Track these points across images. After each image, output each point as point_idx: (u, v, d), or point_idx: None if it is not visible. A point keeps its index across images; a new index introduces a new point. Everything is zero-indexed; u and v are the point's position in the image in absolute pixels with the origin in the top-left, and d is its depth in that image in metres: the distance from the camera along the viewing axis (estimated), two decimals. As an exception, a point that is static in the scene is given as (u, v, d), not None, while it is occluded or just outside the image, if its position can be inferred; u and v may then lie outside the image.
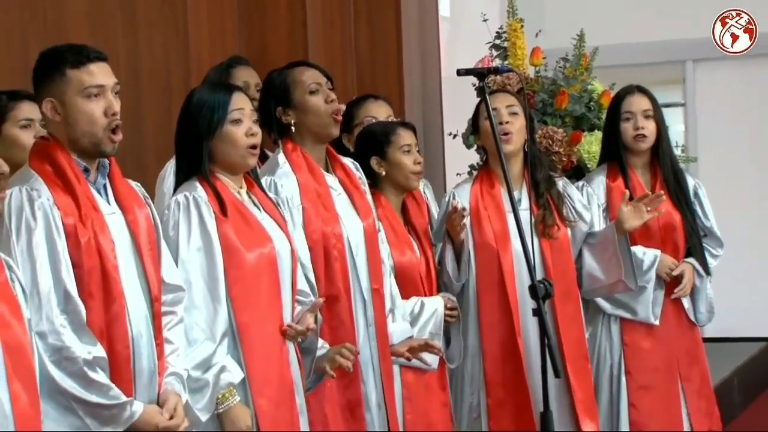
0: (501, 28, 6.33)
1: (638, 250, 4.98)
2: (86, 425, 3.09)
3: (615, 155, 5.18)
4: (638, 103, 5.12)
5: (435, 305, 4.48)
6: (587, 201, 5.04)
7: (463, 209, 4.59)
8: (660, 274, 5.03)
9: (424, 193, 5.12)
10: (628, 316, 5.07)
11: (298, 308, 3.80)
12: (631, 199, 4.85)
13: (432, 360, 4.44)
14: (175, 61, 5.78)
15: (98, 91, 3.24)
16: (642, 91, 5.19)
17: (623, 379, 5.08)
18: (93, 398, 3.09)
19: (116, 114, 3.26)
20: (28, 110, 3.90)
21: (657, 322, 5.06)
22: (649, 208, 4.79)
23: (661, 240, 5.06)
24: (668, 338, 5.11)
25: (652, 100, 5.15)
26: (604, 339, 5.13)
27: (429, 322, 4.43)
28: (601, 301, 5.08)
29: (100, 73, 3.25)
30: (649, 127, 5.09)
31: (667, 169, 5.14)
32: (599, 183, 5.16)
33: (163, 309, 3.38)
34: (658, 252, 5.02)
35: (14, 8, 4.83)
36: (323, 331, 3.99)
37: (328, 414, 4.00)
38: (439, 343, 4.44)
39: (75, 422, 3.07)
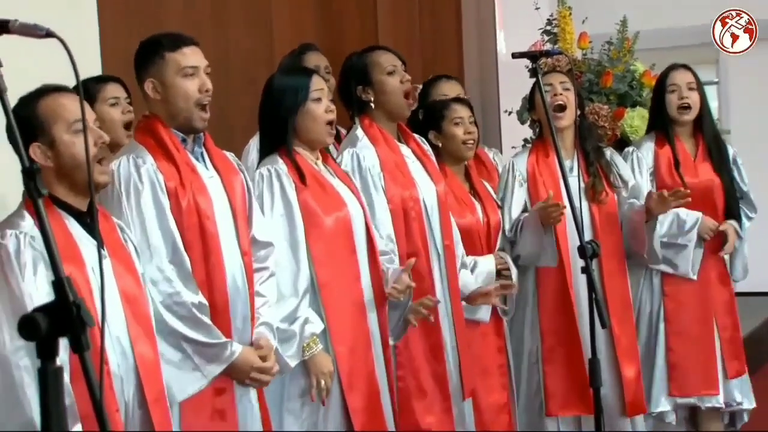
0: (551, 15, 6.29)
1: (682, 211, 4.89)
2: (193, 362, 3.13)
3: (661, 126, 5.09)
4: (682, 77, 5.03)
5: (488, 264, 4.46)
6: (637, 165, 4.99)
7: (564, 206, 4.34)
8: (701, 234, 4.95)
9: (494, 160, 5.22)
10: (669, 270, 4.99)
11: (390, 269, 3.81)
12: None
13: (484, 314, 4.44)
14: (260, 52, 5.77)
15: (193, 71, 3.29)
16: (686, 67, 5.11)
17: (661, 325, 5.01)
18: (199, 337, 3.13)
19: (209, 90, 3.31)
20: (113, 90, 3.96)
21: (695, 277, 4.98)
22: (674, 200, 4.65)
23: (702, 201, 4.95)
24: (705, 291, 5.02)
25: (695, 75, 5.06)
26: (645, 290, 5.05)
27: (479, 278, 4.40)
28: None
29: (193, 55, 3.30)
30: (693, 98, 5.00)
31: (709, 137, 5.06)
32: (648, 149, 5.07)
33: (257, 265, 3.41)
34: (699, 214, 4.93)
35: (121, 9, 4.86)
36: None
37: (415, 357, 4.03)
38: None
39: (184, 359, 3.12)
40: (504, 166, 4.90)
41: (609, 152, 4.90)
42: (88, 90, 3.94)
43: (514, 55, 4.06)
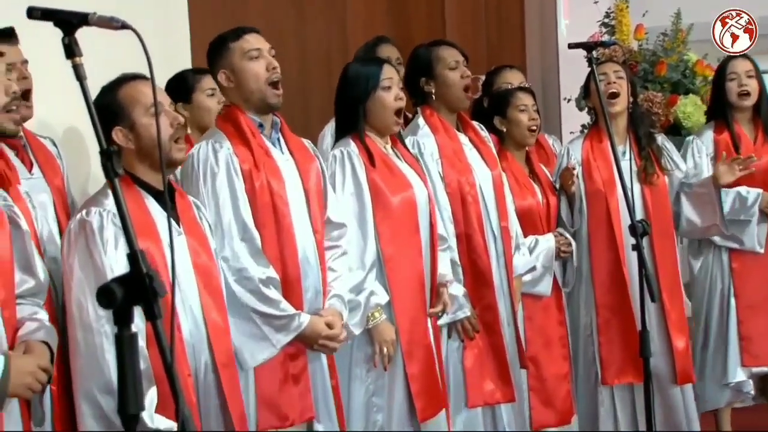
0: (609, 8, 6.21)
1: (743, 189, 4.79)
2: (263, 332, 3.16)
3: (721, 114, 4.97)
4: (742, 65, 4.91)
5: (547, 242, 4.45)
6: (697, 150, 4.90)
7: (574, 168, 4.56)
8: (763, 209, 4.83)
9: (553, 146, 5.22)
10: (736, 246, 4.88)
11: (441, 256, 3.80)
12: (736, 152, 4.72)
13: (545, 288, 4.44)
14: (335, 43, 5.79)
15: (258, 54, 3.32)
16: (745, 56, 5.01)
17: (732, 301, 4.91)
18: (267, 310, 3.16)
19: (276, 68, 3.34)
20: (210, 82, 4.03)
21: (761, 251, 4.86)
22: (741, 167, 4.63)
23: (763, 183, 4.84)
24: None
25: (754, 63, 4.95)
26: (715, 267, 4.95)
27: (540, 255, 4.40)
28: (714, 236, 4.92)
29: (254, 40, 3.35)
30: (752, 85, 4.88)
31: (767, 122, 4.92)
32: (708, 137, 4.96)
33: (331, 243, 3.42)
34: (760, 190, 4.82)
35: (208, 9, 4.90)
36: (465, 265, 4.00)
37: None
38: (551, 273, 4.44)
39: (254, 329, 3.15)
40: (560, 152, 4.90)
41: (660, 138, 4.84)
42: (188, 80, 4.03)
43: (570, 46, 4.03)
